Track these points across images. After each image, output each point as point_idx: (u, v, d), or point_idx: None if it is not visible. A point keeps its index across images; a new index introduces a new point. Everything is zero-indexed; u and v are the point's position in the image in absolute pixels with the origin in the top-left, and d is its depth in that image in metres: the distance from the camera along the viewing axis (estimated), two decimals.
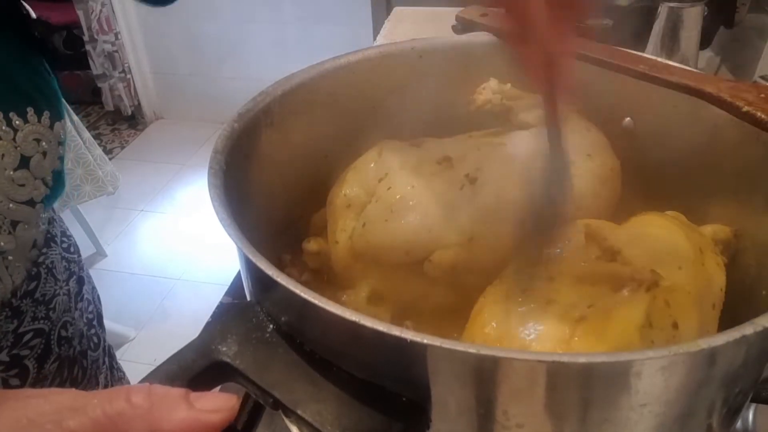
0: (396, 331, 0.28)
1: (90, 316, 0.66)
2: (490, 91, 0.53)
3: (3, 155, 0.45)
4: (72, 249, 0.64)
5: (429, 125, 0.55)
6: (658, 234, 0.44)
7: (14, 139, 0.45)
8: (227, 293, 0.74)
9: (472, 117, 0.55)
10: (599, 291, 0.38)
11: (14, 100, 0.46)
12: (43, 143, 0.48)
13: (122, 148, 2.90)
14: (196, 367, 0.31)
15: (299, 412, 0.30)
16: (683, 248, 0.43)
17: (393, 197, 0.47)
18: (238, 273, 0.75)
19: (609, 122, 0.54)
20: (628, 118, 0.53)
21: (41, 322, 0.55)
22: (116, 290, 2.07)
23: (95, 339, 0.66)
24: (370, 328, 0.28)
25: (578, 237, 0.44)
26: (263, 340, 0.33)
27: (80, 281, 0.64)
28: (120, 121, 3.04)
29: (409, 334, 0.27)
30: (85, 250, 2.19)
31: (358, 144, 0.51)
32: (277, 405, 0.31)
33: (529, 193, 0.46)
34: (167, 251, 2.28)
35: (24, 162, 0.46)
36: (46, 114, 0.48)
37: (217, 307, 0.70)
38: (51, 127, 0.49)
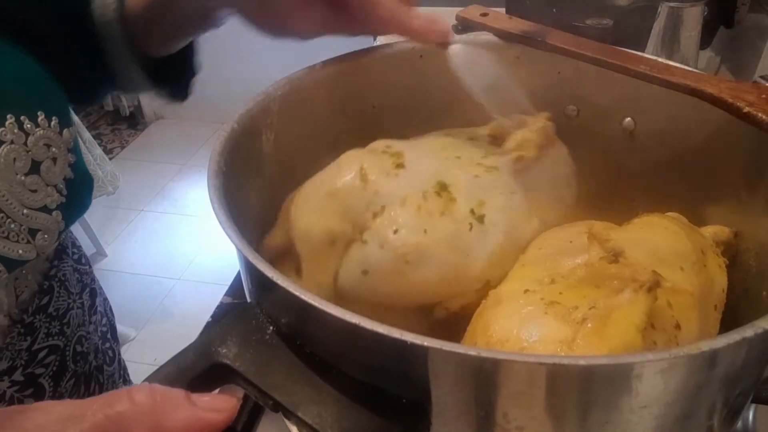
0: (396, 333, 0.28)
1: (104, 329, 0.64)
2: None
3: (15, 159, 0.44)
4: (83, 260, 0.62)
5: (429, 125, 0.55)
6: (660, 235, 0.44)
7: (26, 144, 0.45)
8: (227, 293, 0.74)
9: (472, 116, 0.55)
10: (601, 292, 0.38)
11: (25, 104, 0.46)
12: (53, 149, 0.47)
13: (122, 148, 2.90)
14: (196, 369, 0.31)
15: (299, 414, 0.30)
16: (685, 249, 0.43)
17: (405, 246, 0.42)
18: (238, 273, 0.75)
19: (609, 122, 0.54)
20: (629, 118, 0.53)
21: (56, 338, 0.53)
22: (116, 290, 2.07)
23: (110, 353, 0.65)
24: (370, 330, 0.28)
25: (581, 238, 0.44)
26: (263, 341, 0.33)
27: (93, 293, 0.62)
28: (120, 121, 3.04)
29: (409, 337, 0.27)
30: (85, 250, 2.18)
31: (359, 144, 0.51)
32: (277, 407, 0.30)
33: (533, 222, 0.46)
34: (167, 251, 2.28)
35: (35, 167, 0.46)
36: (55, 120, 0.48)
37: (217, 308, 0.70)
38: (60, 133, 0.48)
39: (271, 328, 0.33)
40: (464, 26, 0.57)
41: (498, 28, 0.55)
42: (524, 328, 0.36)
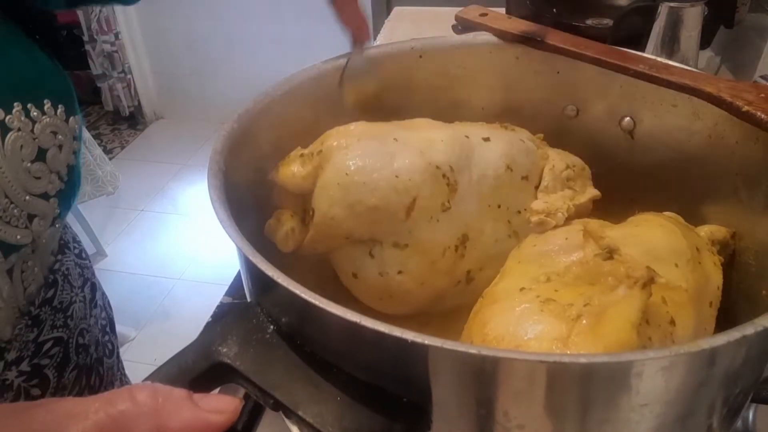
0: (397, 332, 0.28)
1: (103, 322, 0.65)
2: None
3: (21, 146, 0.45)
4: (83, 255, 0.64)
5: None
6: (655, 233, 0.45)
7: (32, 131, 0.45)
8: (227, 293, 0.74)
9: (486, 116, 0.55)
10: (596, 289, 0.38)
11: (33, 92, 0.46)
12: (60, 136, 0.48)
13: (122, 148, 2.90)
14: (196, 369, 0.31)
15: (300, 413, 0.30)
16: (680, 247, 0.43)
17: (400, 289, 0.46)
18: (238, 273, 0.75)
19: (609, 122, 0.54)
20: (628, 118, 0.54)
21: (60, 330, 0.55)
22: (116, 290, 2.06)
23: (109, 346, 0.66)
24: (370, 329, 0.28)
25: (576, 236, 0.44)
26: (264, 341, 0.33)
27: (93, 287, 0.63)
28: (120, 121, 3.04)
29: (410, 335, 0.27)
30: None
31: None
32: (278, 406, 0.31)
33: None
34: (167, 251, 2.28)
35: (41, 154, 0.46)
36: (61, 108, 0.48)
37: (218, 307, 0.70)
38: (66, 121, 0.49)
39: (272, 327, 0.34)
40: (464, 26, 0.57)
41: (497, 29, 0.55)
42: (520, 325, 0.36)
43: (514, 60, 0.55)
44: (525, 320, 0.37)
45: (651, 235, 0.44)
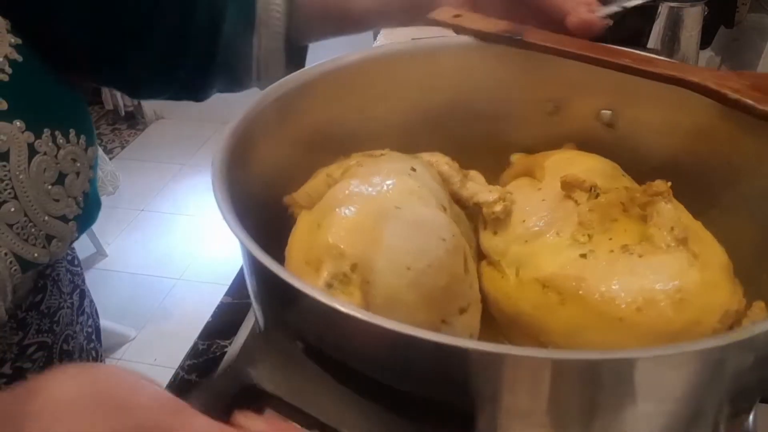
0: (446, 339, 0.27)
1: (89, 330, 0.66)
2: None
3: (45, 169, 0.47)
4: (76, 262, 0.65)
5: (428, 126, 0.55)
6: (585, 158, 0.49)
7: (56, 156, 0.48)
8: (227, 293, 0.74)
9: (470, 117, 0.55)
10: (633, 223, 0.41)
11: (61, 121, 0.50)
12: (78, 163, 0.51)
13: (122, 148, 2.90)
14: (230, 395, 0.30)
15: None
16: (609, 164, 0.49)
17: None
18: (238, 273, 0.75)
19: (594, 118, 0.54)
20: (611, 113, 0.53)
21: (45, 335, 0.55)
22: (116, 290, 2.07)
23: (93, 353, 0.67)
24: (422, 339, 0.27)
25: (550, 191, 0.45)
26: (294, 360, 0.32)
27: (82, 295, 0.64)
28: (120, 121, 3.04)
29: (470, 344, 0.28)
30: (85, 250, 2.19)
31: (360, 144, 0.51)
32: (323, 428, 0.29)
33: None
34: (167, 251, 2.28)
35: (60, 179, 0.49)
36: (83, 138, 0.52)
37: (218, 308, 0.70)
38: (86, 150, 0.52)
39: (300, 345, 0.32)
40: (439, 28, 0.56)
41: (473, 29, 0.53)
42: (635, 277, 0.37)
43: (492, 58, 0.54)
44: (634, 273, 0.37)
45: (585, 161, 0.48)
